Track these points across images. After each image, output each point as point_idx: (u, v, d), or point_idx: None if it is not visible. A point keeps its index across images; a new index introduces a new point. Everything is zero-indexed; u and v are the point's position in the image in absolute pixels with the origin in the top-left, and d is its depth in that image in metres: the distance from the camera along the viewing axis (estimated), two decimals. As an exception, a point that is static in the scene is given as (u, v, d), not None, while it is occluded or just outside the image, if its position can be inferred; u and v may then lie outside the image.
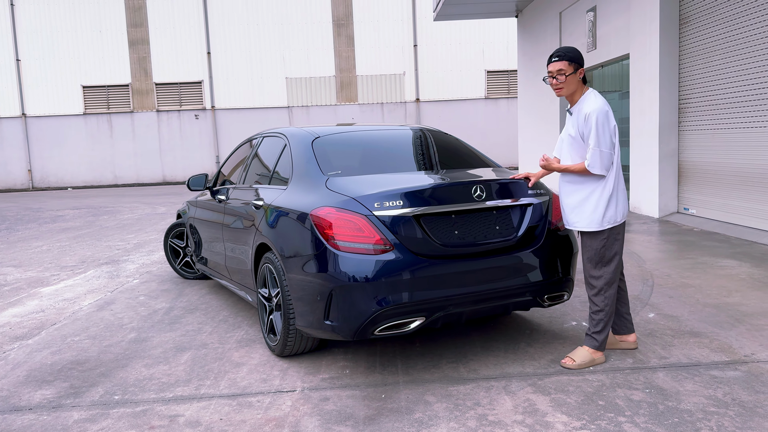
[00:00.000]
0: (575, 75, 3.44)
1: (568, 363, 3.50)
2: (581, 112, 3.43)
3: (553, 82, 3.46)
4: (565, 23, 12.81)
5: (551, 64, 3.46)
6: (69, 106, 25.10)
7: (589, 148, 3.38)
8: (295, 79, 25.33)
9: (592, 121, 3.35)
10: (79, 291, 6.04)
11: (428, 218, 3.40)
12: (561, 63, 3.42)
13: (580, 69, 3.44)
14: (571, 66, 3.42)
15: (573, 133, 3.47)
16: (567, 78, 3.43)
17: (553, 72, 3.45)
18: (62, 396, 3.43)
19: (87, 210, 14.91)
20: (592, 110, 3.37)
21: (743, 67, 7.49)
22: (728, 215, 7.86)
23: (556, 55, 3.44)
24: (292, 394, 3.31)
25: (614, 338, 3.74)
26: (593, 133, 3.35)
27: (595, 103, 3.39)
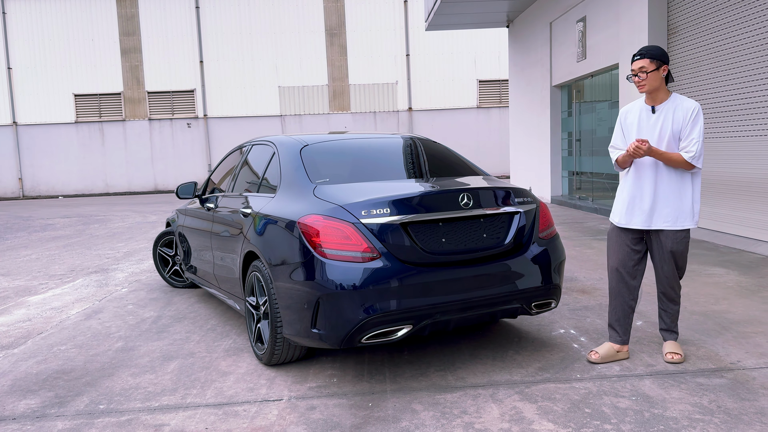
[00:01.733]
0: (658, 72, 3.47)
1: (677, 359, 3.61)
2: (680, 108, 3.50)
3: (636, 80, 3.52)
4: (556, 33, 12.91)
5: (634, 63, 3.53)
6: (60, 115, 25.03)
7: (694, 141, 3.44)
8: (287, 87, 25.37)
9: (699, 116, 3.46)
10: (67, 300, 6.01)
11: (415, 226, 3.41)
12: (643, 61, 3.48)
13: (663, 66, 3.49)
14: (653, 63, 3.47)
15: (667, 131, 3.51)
16: (648, 75, 3.47)
17: (635, 70, 3.51)
18: (47, 405, 3.40)
19: (77, 218, 14.84)
20: (695, 105, 3.48)
21: (731, 76, 7.56)
22: (717, 223, 7.91)
23: (638, 54, 3.52)
24: (278, 403, 3.30)
25: (614, 349, 3.72)
26: (699, 127, 3.45)
27: (693, 101, 3.51)
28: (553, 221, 3.99)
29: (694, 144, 3.44)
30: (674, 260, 3.61)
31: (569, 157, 13.21)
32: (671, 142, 3.52)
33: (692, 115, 3.47)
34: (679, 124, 3.49)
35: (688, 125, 3.47)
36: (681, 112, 3.49)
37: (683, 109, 3.50)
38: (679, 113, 3.50)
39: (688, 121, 3.47)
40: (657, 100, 3.56)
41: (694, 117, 3.47)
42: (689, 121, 3.47)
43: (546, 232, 3.82)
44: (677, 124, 3.49)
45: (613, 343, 3.73)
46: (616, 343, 3.73)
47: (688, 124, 3.47)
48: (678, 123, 3.49)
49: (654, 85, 3.51)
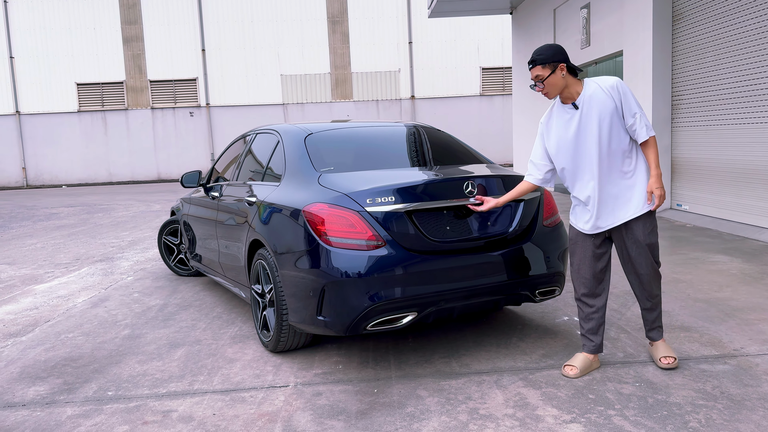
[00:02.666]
0: (555, 74, 3.19)
1: (673, 363, 3.34)
2: (601, 90, 3.18)
3: (538, 89, 3.26)
4: (559, 20, 12.84)
5: (531, 72, 3.26)
6: (63, 104, 25.03)
7: (638, 115, 3.16)
8: (290, 76, 25.31)
9: (625, 88, 3.18)
10: (73, 288, 6.04)
11: (420, 214, 3.42)
12: (535, 69, 3.22)
13: (560, 65, 3.19)
14: (546, 68, 3.19)
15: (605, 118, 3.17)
16: (546, 81, 3.21)
17: (533, 80, 3.26)
18: (56, 392, 3.44)
19: (81, 207, 14.88)
20: (615, 81, 3.18)
21: (736, 63, 7.52)
22: (721, 211, 7.91)
23: (530, 62, 3.25)
24: (285, 389, 3.33)
25: (590, 359, 3.39)
26: (631, 98, 3.17)
27: (609, 78, 3.22)
28: (557, 209, 4.00)
29: (638, 120, 3.16)
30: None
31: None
32: (611, 127, 3.17)
33: (619, 91, 3.16)
34: (606, 106, 3.15)
35: (625, 106, 3.16)
36: (602, 94, 3.16)
37: (607, 89, 3.17)
38: (600, 96, 3.17)
39: (618, 99, 3.16)
40: (573, 95, 3.24)
41: (621, 92, 3.16)
42: (623, 101, 3.16)
43: (550, 219, 3.83)
44: (604, 107, 3.16)
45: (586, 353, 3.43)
46: (593, 351, 3.41)
47: (623, 104, 3.16)
48: (604, 106, 3.15)
49: (558, 88, 3.22)
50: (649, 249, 3.30)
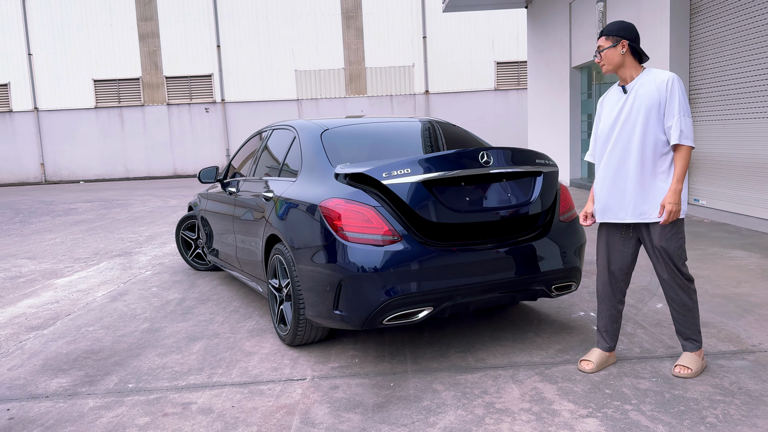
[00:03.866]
0: (615, 49, 3.15)
1: (684, 372, 3.20)
2: (652, 82, 3.13)
3: (596, 60, 3.25)
4: (575, 14, 12.74)
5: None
6: (80, 100, 25.27)
7: (675, 119, 3.05)
8: (304, 71, 25.35)
9: (675, 87, 3.07)
10: (93, 282, 6.13)
11: (439, 186, 3.40)
12: (600, 40, 3.22)
13: (622, 41, 3.14)
14: (609, 40, 3.17)
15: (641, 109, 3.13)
16: (603, 53, 3.19)
17: (596, 49, 3.25)
18: (78, 384, 3.50)
19: (99, 203, 15.05)
20: (669, 77, 3.08)
21: (755, 57, 7.43)
22: (739, 206, 7.83)
23: (600, 32, 3.22)
24: (302, 383, 3.37)
25: (606, 356, 3.40)
26: (677, 100, 3.06)
27: (668, 72, 3.12)
28: (574, 204, 3.99)
29: (675, 124, 3.06)
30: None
31: (588, 140, 13.10)
32: (648, 121, 3.12)
33: (668, 88, 3.07)
34: (652, 99, 3.10)
35: (666, 101, 3.08)
36: (653, 86, 3.11)
37: (657, 82, 3.11)
38: (649, 87, 3.12)
39: (665, 95, 3.08)
40: (626, 78, 3.21)
41: (670, 90, 3.07)
42: (666, 97, 3.08)
43: (567, 214, 3.82)
44: (649, 100, 3.11)
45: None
46: (608, 350, 3.42)
47: (666, 99, 3.08)
48: (649, 98, 3.10)
49: (614, 63, 3.18)
50: (666, 254, 3.17)
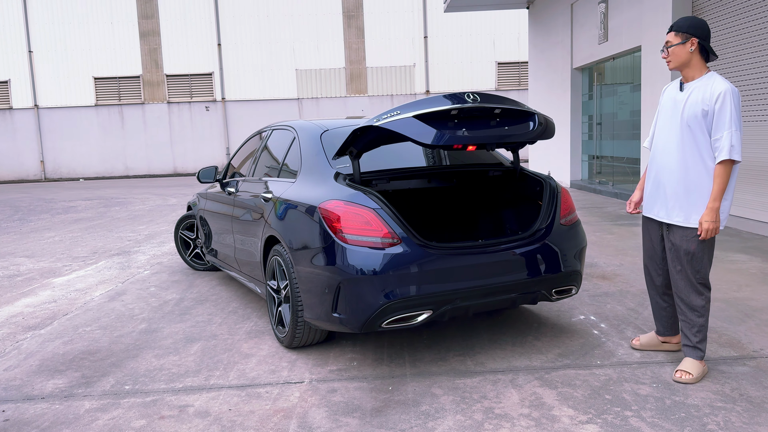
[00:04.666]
0: (684, 46, 3.12)
1: (685, 378, 3.18)
2: (707, 89, 3.09)
3: (663, 55, 3.22)
4: (577, 15, 12.71)
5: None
6: (81, 98, 25.25)
7: (724, 133, 3.03)
8: (305, 70, 25.33)
9: (726, 100, 3.02)
10: (91, 282, 6.11)
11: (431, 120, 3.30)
12: (669, 34, 3.18)
13: (691, 39, 3.10)
14: (678, 36, 3.14)
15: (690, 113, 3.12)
16: (671, 49, 3.16)
17: (665, 45, 3.22)
18: (74, 385, 3.48)
19: (99, 201, 15.03)
20: (724, 89, 3.04)
21: (756, 59, 7.41)
22: (740, 209, 7.80)
23: (670, 27, 3.20)
24: (300, 386, 3.34)
25: (657, 339, 3.59)
26: (728, 114, 3.02)
27: (725, 83, 3.07)
28: (575, 207, 3.96)
29: (725, 138, 3.01)
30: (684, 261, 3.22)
31: (589, 141, 13.07)
32: (695, 127, 3.09)
33: (719, 101, 3.02)
34: (702, 106, 3.07)
35: (714, 113, 3.04)
36: (706, 94, 3.06)
37: (710, 92, 3.05)
38: (703, 94, 3.08)
39: (713, 107, 3.04)
40: (688, 77, 3.18)
41: (721, 102, 3.02)
42: (715, 109, 3.03)
43: (568, 218, 3.80)
44: (699, 106, 3.08)
45: (656, 334, 3.60)
46: (659, 334, 3.58)
47: (715, 111, 3.04)
48: (700, 105, 3.07)
49: (680, 61, 3.15)
50: (684, 254, 3.18)
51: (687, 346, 3.27)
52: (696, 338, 3.23)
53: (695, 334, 3.23)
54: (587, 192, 12.44)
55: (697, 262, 3.18)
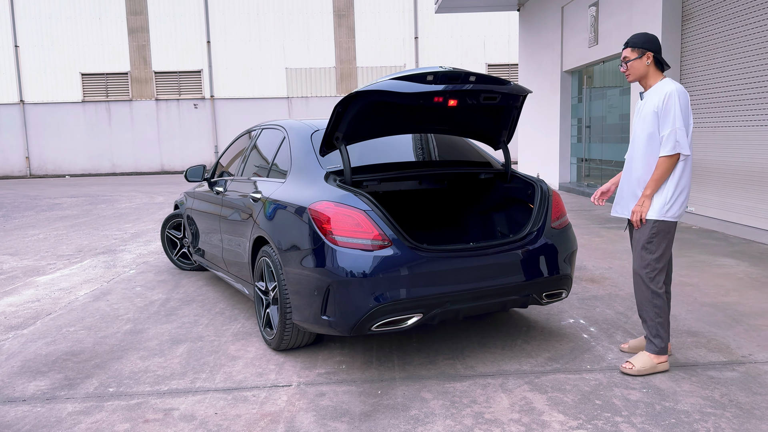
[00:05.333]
0: (641, 60, 3.32)
1: (626, 367, 3.34)
2: (658, 92, 3.28)
3: (622, 69, 3.43)
4: (567, 18, 12.75)
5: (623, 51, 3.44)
6: (67, 94, 25.00)
7: (667, 133, 3.21)
8: (295, 69, 25.23)
9: (671, 100, 3.21)
10: (75, 280, 6.02)
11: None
12: (625, 50, 3.38)
13: (647, 53, 3.31)
14: (634, 52, 3.34)
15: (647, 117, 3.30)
16: (629, 64, 3.36)
17: (622, 60, 3.42)
18: (56, 387, 3.41)
19: (84, 198, 14.87)
20: (671, 89, 3.23)
21: (745, 65, 7.45)
22: (727, 213, 7.84)
23: (625, 43, 3.41)
24: (287, 389, 3.30)
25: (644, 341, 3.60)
26: (672, 113, 3.20)
27: (674, 85, 3.26)
28: (566, 211, 3.95)
29: (669, 134, 3.19)
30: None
31: (578, 144, 13.11)
32: (653, 129, 3.28)
33: (665, 100, 3.22)
34: (653, 109, 3.27)
35: (661, 112, 3.23)
36: (658, 97, 3.27)
37: (660, 94, 3.27)
38: (656, 97, 3.28)
39: (661, 107, 3.23)
40: (646, 87, 3.40)
41: (666, 101, 3.21)
42: (662, 108, 3.22)
43: (558, 221, 3.78)
44: (652, 109, 3.28)
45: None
46: None
47: (661, 110, 3.23)
48: (653, 108, 3.27)
49: (638, 73, 3.37)
50: (638, 248, 3.37)
51: (645, 337, 3.44)
52: (649, 332, 3.38)
53: (648, 328, 3.38)
54: (575, 195, 12.47)
55: (647, 255, 3.33)
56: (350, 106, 3.51)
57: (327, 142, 3.70)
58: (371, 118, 3.69)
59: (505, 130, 4.15)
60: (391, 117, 3.76)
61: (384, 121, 3.80)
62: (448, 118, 3.96)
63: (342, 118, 3.57)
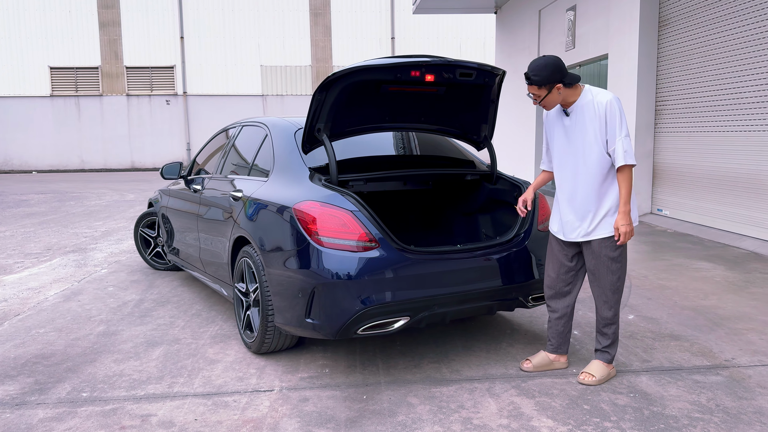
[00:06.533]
0: (553, 93, 3.15)
1: (587, 379, 3.26)
2: (593, 105, 3.13)
3: (534, 103, 3.28)
4: (545, 21, 12.82)
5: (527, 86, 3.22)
6: (35, 88, 24.37)
7: (618, 141, 3.07)
8: (270, 67, 24.99)
9: (614, 109, 3.07)
10: (45, 280, 5.82)
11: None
12: (531, 87, 3.18)
13: (557, 85, 3.13)
14: (542, 89, 3.15)
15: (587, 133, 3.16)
16: (544, 99, 3.18)
17: (531, 95, 3.23)
18: (26, 392, 3.26)
19: (53, 195, 14.49)
20: (608, 99, 3.09)
21: (720, 71, 7.56)
22: (701, 217, 7.95)
23: (526, 78, 3.17)
24: (269, 394, 3.20)
25: (549, 358, 3.48)
26: (617, 121, 3.07)
27: (607, 94, 3.13)
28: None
29: (618, 145, 3.07)
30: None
31: (554, 147, 13.17)
32: (596, 144, 3.13)
33: (607, 112, 3.08)
34: (595, 123, 3.12)
35: (606, 125, 3.10)
36: (593, 110, 3.12)
37: (596, 106, 3.11)
38: (591, 110, 3.13)
39: (604, 119, 3.10)
40: (568, 105, 3.22)
41: (610, 113, 3.08)
42: (606, 120, 3.09)
43: (545, 224, 3.75)
44: (593, 123, 3.13)
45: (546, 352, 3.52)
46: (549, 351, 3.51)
47: (606, 123, 3.10)
48: (594, 122, 3.12)
49: (555, 102, 3.20)
50: (610, 262, 3.21)
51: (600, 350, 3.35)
52: (611, 344, 3.32)
53: (610, 339, 3.32)
54: (551, 197, 12.55)
55: (616, 266, 3.25)
56: (330, 90, 3.45)
57: (309, 134, 3.62)
58: (351, 108, 3.66)
59: (485, 124, 4.11)
60: (370, 104, 3.73)
61: (364, 111, 3.75)
62: (428, 107, 3.92)
63: (322, 105, 3.50)
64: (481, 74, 3.71)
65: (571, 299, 3.39)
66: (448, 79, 3.61)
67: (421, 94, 3.81)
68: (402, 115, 3.96)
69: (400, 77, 3.48)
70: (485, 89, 3.86)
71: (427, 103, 3.90)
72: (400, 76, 3.47)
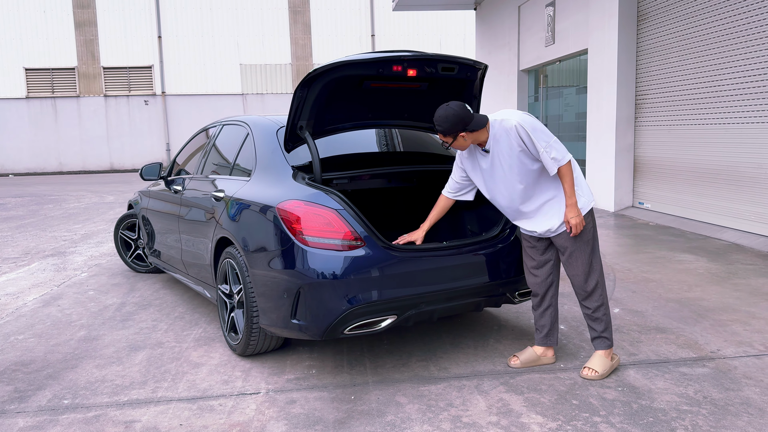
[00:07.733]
0: (459, 140, 3.17)
1: (590, 375, 3.25)
2: (506, 135, 3.16)
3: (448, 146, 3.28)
4: (524, 17, 12.85)
5: None
6: (10, 89, 23.97)
7: (542, 153, 3.11)
8: (249, 65, 24.82)
9: (526, 128, 3.11)
10: (23, 285, 5.70)
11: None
12: (439, 134, 3.21)
13: (461, 134, 3.15)
14: (449, 137, 3.16)
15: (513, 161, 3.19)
16: (452, 144, 3.20)
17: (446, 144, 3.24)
18: (5, 401, 3.18)
19: (30, 198, 14.24)
20: (514, 124, 3.12)
21: (699, 64, 7.62)
22: (682, 210, 8.02)
23: (435, 124, 3.19)
24: (256, 397, 3.16)
25: (536, 353, 3.47)
26: (537, 135, 3.11)
27: (510, 118, 3.15)
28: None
29: (544, 159, 3.11)
30: None
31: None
32: (523, 164, 3.18)
33: (520, 135, 3.11)
34: (514, 145, 3.15)
35: (526, 145, 3.13)
36: (507, 137, 3.15)
37: (509, 135, 3.14)
38: (504, 139, 3.16)
39: (523, 143, 3.13)
40: (482, 143, 3.24)
41: (523, 134, 3.11)
42: (526, 141, 3.12)
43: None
44: (513, 149, 3.16)
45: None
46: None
47: (527, 143, 3.12)
48: (513, 147, 3.15)
49: (466, 145, 3.24)
50: (579, 242, 3.26)
51: (597, 337, 3.36)
52: (605, 329, 3.35)
53: (604, 323, 3.34)
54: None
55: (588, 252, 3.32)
56: (312, 87, 3.41)
57: (291, 132, 3.57)
58: (333, 104, 3.62)
59: None
60: (353, 101, 3.70)
61: (347, 107, 3.72)
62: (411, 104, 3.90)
63: (304, 102, 3.46)
64: (463, 69, 3.68)
65: (554, 290, 3.43)
66: (430, 73, 3.58)
67: (403, 90, 3.78)
68: (385, 112, 3.93)
69: (382, 72, 3.45)
70: (467, 84, 3.83)
71: (410, 100, 3.87)
72: (382, 71, 3.44)
